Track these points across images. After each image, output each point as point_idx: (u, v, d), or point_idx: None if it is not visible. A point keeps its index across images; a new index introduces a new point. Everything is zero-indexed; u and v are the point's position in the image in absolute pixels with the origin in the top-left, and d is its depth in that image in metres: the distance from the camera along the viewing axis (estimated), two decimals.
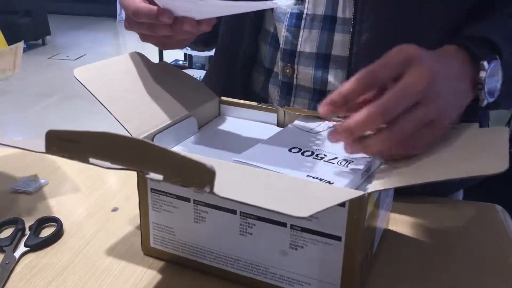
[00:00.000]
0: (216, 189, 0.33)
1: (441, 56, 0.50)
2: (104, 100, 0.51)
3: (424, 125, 0.45)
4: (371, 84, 0.45)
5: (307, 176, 0.46)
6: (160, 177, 0.35)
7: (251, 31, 0.73)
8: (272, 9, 0.70)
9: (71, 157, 0.38)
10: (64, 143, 0.37)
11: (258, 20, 0.74)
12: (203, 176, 0.33)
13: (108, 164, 0.36)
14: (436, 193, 0.68)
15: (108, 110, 0.52)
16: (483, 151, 0.43)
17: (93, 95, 0.51)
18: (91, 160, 0.37)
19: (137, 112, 0.53)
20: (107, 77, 0.56)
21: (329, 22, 0.65)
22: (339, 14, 0.64)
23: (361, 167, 0.47)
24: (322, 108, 0.46)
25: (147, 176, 0.36)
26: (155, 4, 0.52)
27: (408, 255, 0.55)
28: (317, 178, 0.46)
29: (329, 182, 0.45)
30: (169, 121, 0.55)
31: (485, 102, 0.52)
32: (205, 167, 0.33)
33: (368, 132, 0.45)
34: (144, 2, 0.53)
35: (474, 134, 0.48)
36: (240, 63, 0.75)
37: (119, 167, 0.36)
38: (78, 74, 0.53)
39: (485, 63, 0.50)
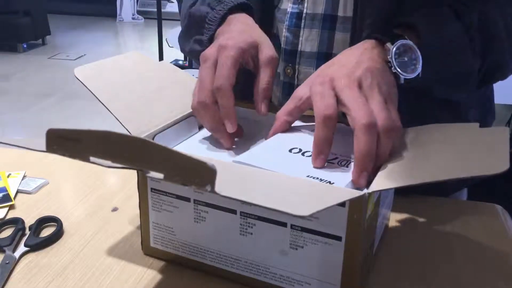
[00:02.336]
0: (217, 188, 0.33)
1: (343, 56, 0.54)
2: (104, 100, 0.51)
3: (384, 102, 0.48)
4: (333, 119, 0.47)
5: (307, 176, 0.46)
6: (160, 175, 0.35)
7: None
8: (274, 11, 0.70)
9: (71, 156, 0.38)
10: (64, 142, 0.37)
11: (267, 25, 0.72)
12: (203, 174, 0.33)
13: (108, 163, 0.36)
14: (439, 192, 0.68)
15: (108, 110, 0.52)
16: (483, 151, 0.43)
17: (94, 94, 0.51)
18: (92, 159, 0.37)
19: (137, 112, 0.53)
20: (107, 76, 0.56)
21: (329, 21, 0.65)
22: (340, 13, 0.64)
23: None
24: (316, 163, 0.48)
25: (148, 175, 0.36)
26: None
27: (408, 255, 0.55)
28: (317, 178, 0.46)
29: (329, 182, 0.45)
30: (169, 121, 0.55)
31: (402, 78, 0.53)
32: (206, 166, 0.33)
33: None
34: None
35: (474, 134, 0.48)
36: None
37: (120, 166, 0.36)
38: (78, 73, 0.53)
39: (388, 44, 0.53)
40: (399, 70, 0.53)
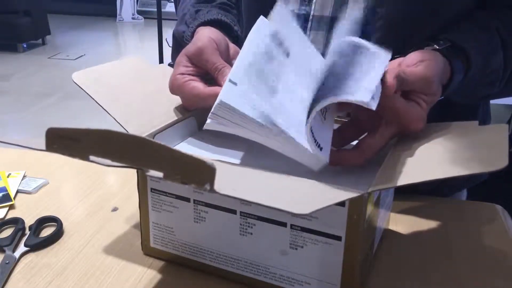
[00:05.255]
0: (216, 187, 0.33)
1: (430, 74, 0.53)
2: (104, 103, 0.51)
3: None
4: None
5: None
6: (160, 174, 0.35)
7: None
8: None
9: (71, 155, 0.37)
10: (64, 141, 0.37)
11: None
12: (203, 173, 0.33)
13: (108, 162, 0.36)
14: (439, 192, 0.67)
15: (108, 113, 0.51)
16: (483, 149, 0.43)
17: (93, 99, 0.51)
18: (92, 158, 0.37)
19: (137, 114, 0.53)
20: (106, 81, 0.56)
21: (336, 23, 0.64)
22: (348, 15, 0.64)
23: None
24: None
25: (147, 173, 0.36)
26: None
27: (408, 255, 0.55)
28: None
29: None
30: (169, 121, 0.55)
31: None
32: (205, 164, 0.33)
33: None
34: (206, 87, 0.54)
35: (474, 132, 0.48)
36: None
37: (120, 165, 0.36)
38: (76, 79, 0.53)
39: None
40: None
